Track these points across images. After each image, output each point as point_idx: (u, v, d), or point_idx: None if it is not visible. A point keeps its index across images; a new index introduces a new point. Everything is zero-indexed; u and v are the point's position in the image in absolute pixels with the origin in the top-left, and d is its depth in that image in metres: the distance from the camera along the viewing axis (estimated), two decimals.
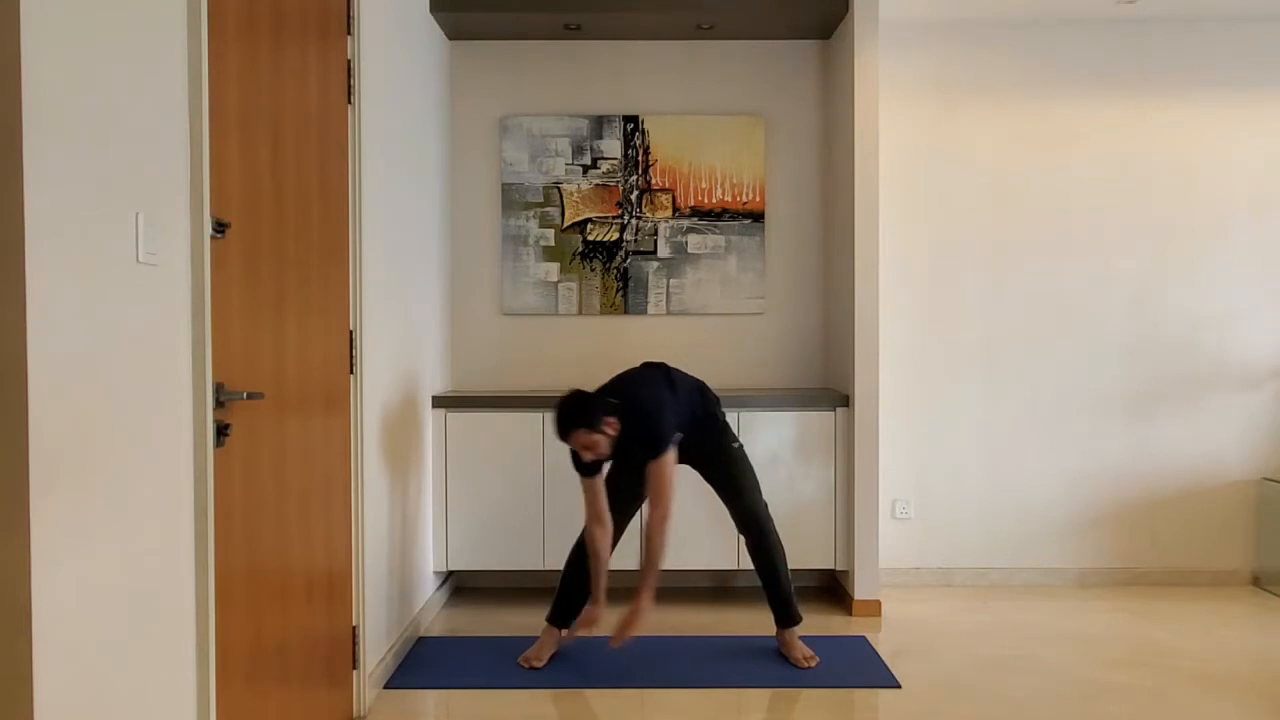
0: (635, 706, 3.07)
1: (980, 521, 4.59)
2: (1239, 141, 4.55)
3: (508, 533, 4.11)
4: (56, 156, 1.51)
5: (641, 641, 3.68)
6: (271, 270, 2.32)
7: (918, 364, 4.57)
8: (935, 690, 3.21)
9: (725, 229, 4.55)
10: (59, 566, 1.51)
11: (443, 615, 4.09)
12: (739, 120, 4.54)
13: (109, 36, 1.66)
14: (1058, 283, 4.57)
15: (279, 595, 2.37)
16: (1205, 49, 4.54)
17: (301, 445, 2.52)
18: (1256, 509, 4.59)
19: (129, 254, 1.71)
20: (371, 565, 3.09)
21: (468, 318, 4.57)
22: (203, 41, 1.93)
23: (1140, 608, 4.21)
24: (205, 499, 1.95)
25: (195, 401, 1.94)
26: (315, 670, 2.64)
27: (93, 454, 1.60)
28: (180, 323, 1.90)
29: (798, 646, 3.45)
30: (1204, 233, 4.57)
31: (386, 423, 3.35)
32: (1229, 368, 4.59)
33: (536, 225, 4.54)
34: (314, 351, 2.62)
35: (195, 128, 1.93)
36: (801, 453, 4.12)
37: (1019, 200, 4.56)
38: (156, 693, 1.82)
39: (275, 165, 2.34)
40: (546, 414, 4.09)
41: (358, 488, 2.96)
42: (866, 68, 4.01)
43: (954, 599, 4.34)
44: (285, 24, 2.41)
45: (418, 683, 3.27)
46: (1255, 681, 3.30)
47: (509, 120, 4.53)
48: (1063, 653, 3.59)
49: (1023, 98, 4.55)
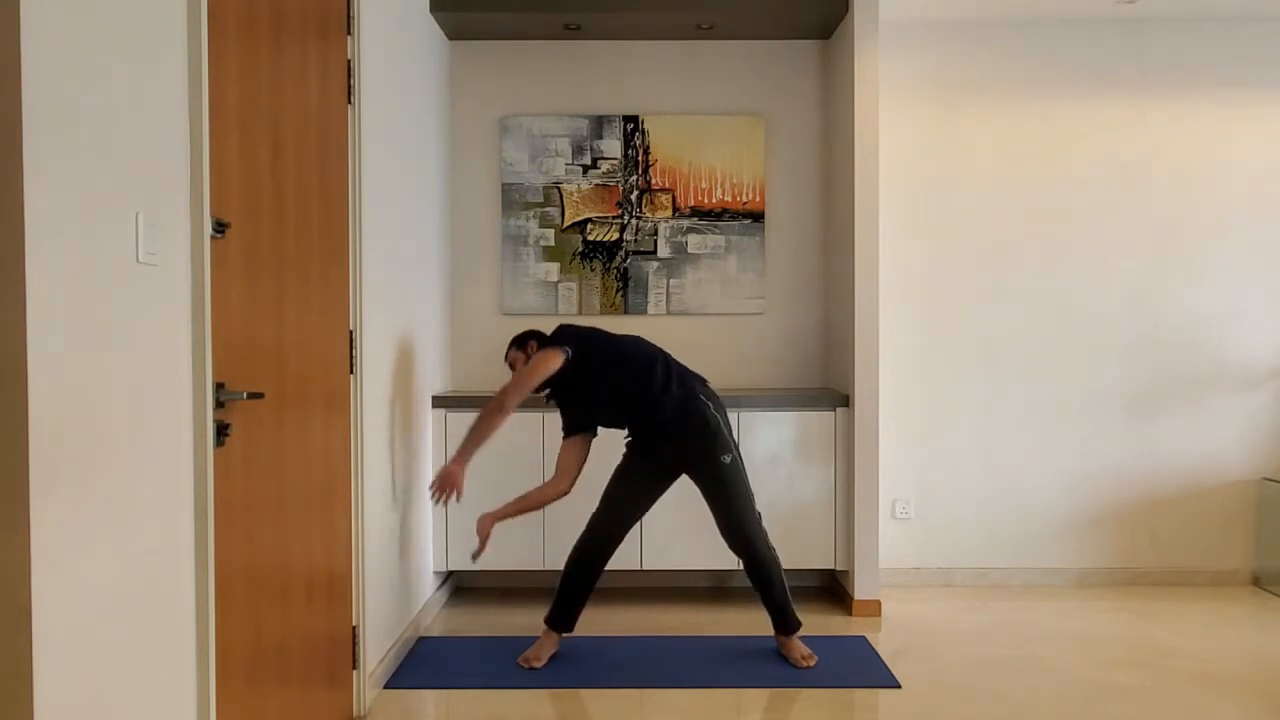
0: (635, 706, 3.07)
1: (980, 521, 4.59)
2: (1239, 141, 4.55)
3: (508, 533, 4.11)
4: (56, 156, 1.50)
5: (641, 641, 3.69)
6: (271, 270, 2.32)
7: (918, 364, 4.57)
8: (935, 690, 3.21)
9: (725, 229, 4.55)
10: (59, 566, 1.51)
11: (443, 615, 4.09)
12: (739, 120, 4.54)
13: (109, 36, 1.66)
14: (1058, 282, 4.57)
15: (279, 595, 2.37)
16: (1205, 49, 4.54)
17: (301, 445, 2.52)
18: (1256, 509, 4.59)
19: (129, 254, 1.71)
20: (371, 565, 3.09)
21: (468, 318, 4.57)
22: (203, 41, 1.93)
23: (1140, 608, 4.21)
24: (205, 499, 1.95)
25: (195, 401, 1.94)
26: (315, 670, 2.64)
27: (93, 454, 1.60)
28: (180, 323, 1.90)
29: (797, 647, 3.44)
30: (1204, 233, 4.57)
31: (386, 423, 3.35)
32: (1229, 368, 4.59)
33: (536, 225, 4.54)
34: (314, 351, 2.62)
35: (195, 128, 1.93)
36: (801, 453, 4.12)
37: (1019, 200, 4.56)
38: (156, 693, 1.82)
39: (275, 165, 2.34)
40: (546, 414, 4.09)
41: (358, 488, 2.96)
42: (866, 68, 4.01)
43: (954, 599, 4.34)
44: (285, 24, 2.41)
45: (418, 683, 3.27)
46: (1255, 681, 3.30)
47: (509, 120, 4.53)
48: (1063, 653, 3.59)
49: (1023, 98, 4.55)
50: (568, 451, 3.50)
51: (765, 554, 3.42)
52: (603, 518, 3.46)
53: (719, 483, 3.40)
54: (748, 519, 3.41)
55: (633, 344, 3.49)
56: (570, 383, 3.44)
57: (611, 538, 3.45)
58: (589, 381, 3.43)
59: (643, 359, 3.45)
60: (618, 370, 3.42)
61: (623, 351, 3.46)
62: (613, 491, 3.49)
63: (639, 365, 3.43)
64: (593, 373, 3.42)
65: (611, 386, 3.42)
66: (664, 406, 3.39)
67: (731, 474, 3.40)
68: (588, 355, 3.43)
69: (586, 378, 3.42)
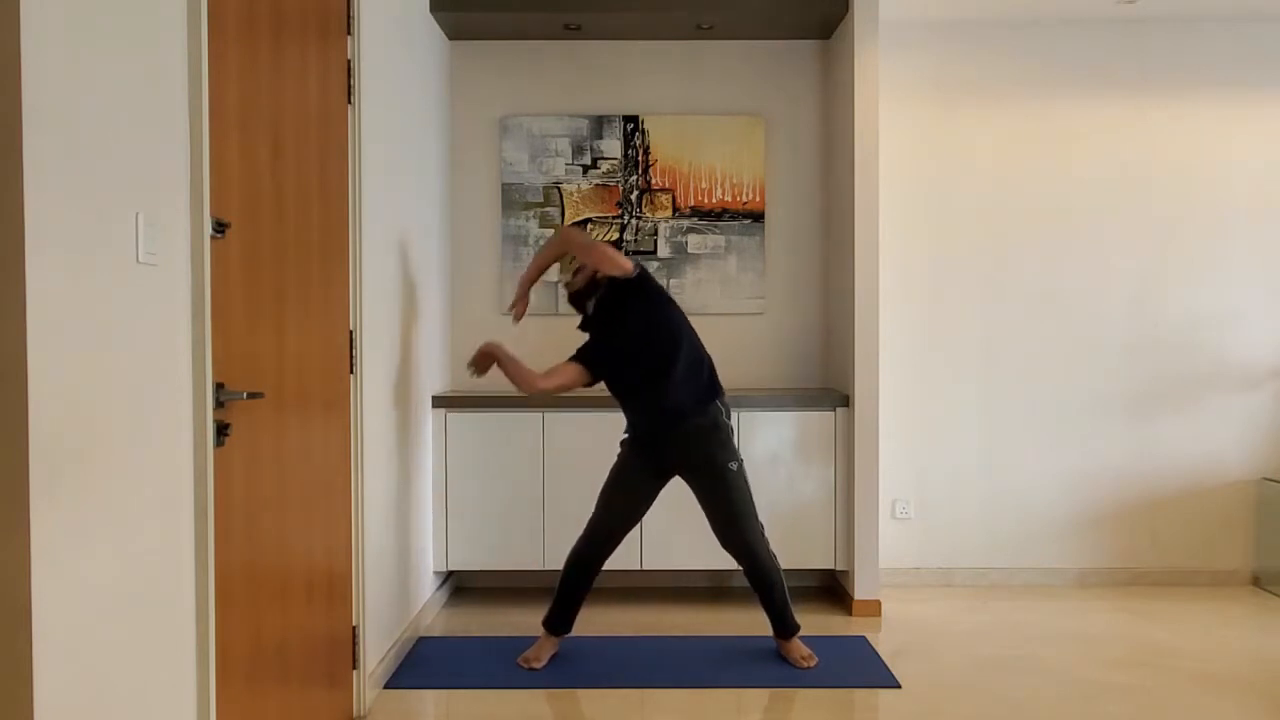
0: (635, 706, 3.07)
1: (980, 521, 4.59)
2: (1239, 141, 4.55)
3: (508, 533, 4.12)
4: (56, 156, 1.51)
5: (641, 641, 3.69)
6: (271, 270, 2.32)
7: (918, 364, 4.57)
8: (935, 690, 3.21)
9: (725, 229, 4.55)
10: (59, 566, 1.51)
11: (443, 615, 4.09)
12: (739, 120, 4.54)
13: (109, 36, 1.66)
14: (1058, 282, 4.57)
15: (279, 595, 2.37)
16: (1205, 49, 4.54)
17: (301, 445, 2.52)
18: (1256, 509, 4.59)
19: (129, 254, 1.71)
20: (371, 565, 3.09)
21: (468, 318, 4.57)
22: (203, 42, 1.93)
23: (1140, 608, 4.21)
24: (205, 499, 1.95)
25: (195, 401, 1.94)
26: (315, 670, 2.64)
27: (93, 454, 1.60)
28: (180, 323, 1.90)
29: (797, 648, 3.44)
30: (1204, 233, 4.57)
31: (386, 423, 3.35)
32: (1229, 368, 4.59)
33: (536, 225, 4.54)
34: (314, 351, 2.62)
35: (195, 128, 1.93)
36: (801, 453, 4.12)
37: (1019, 200, 4.56)
38: (156, 693, 1.82)
39: (275, 165, 2.34)
40: (547, 414, 4.09)
41: (358, 488, 2.96)
42: (866, 68, 4.01)
43: (954, 599, 4.34)
44: (285, 24, 2.41)
45: (418, 683, 3.27)
46: (1255, 681, 3.30)
47: (509, 120, 4.53)
48: (1063, 653, 3.59)
49: (1023, 98, 4.55)
50: (568, 371, 3.35)
51: (766, 560, 3.41)
52: (602, 521, 3.44)
53: (728, 488, 3.35)
54: (749, 525, 3.39)
55: (689, 325, 3.42)
56: (611, 312, 3.34)
57: (611, 540, 3.44)
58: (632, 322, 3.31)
59: (692, 338, 3.38)
60: (663, 328, 3.31)
61: (679, 317, 3.37)
62: (611, 494, 3.45)
63: (684, 337, 3.34)
64: (642, 314, 3.31)
65: (648, 339, 3.31)
66: (682, 393, 3.31)
67: (737, 480, 3.38)
68: (646, 291, 3.33)
69: (634, 316, 3.31)
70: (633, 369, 3.35)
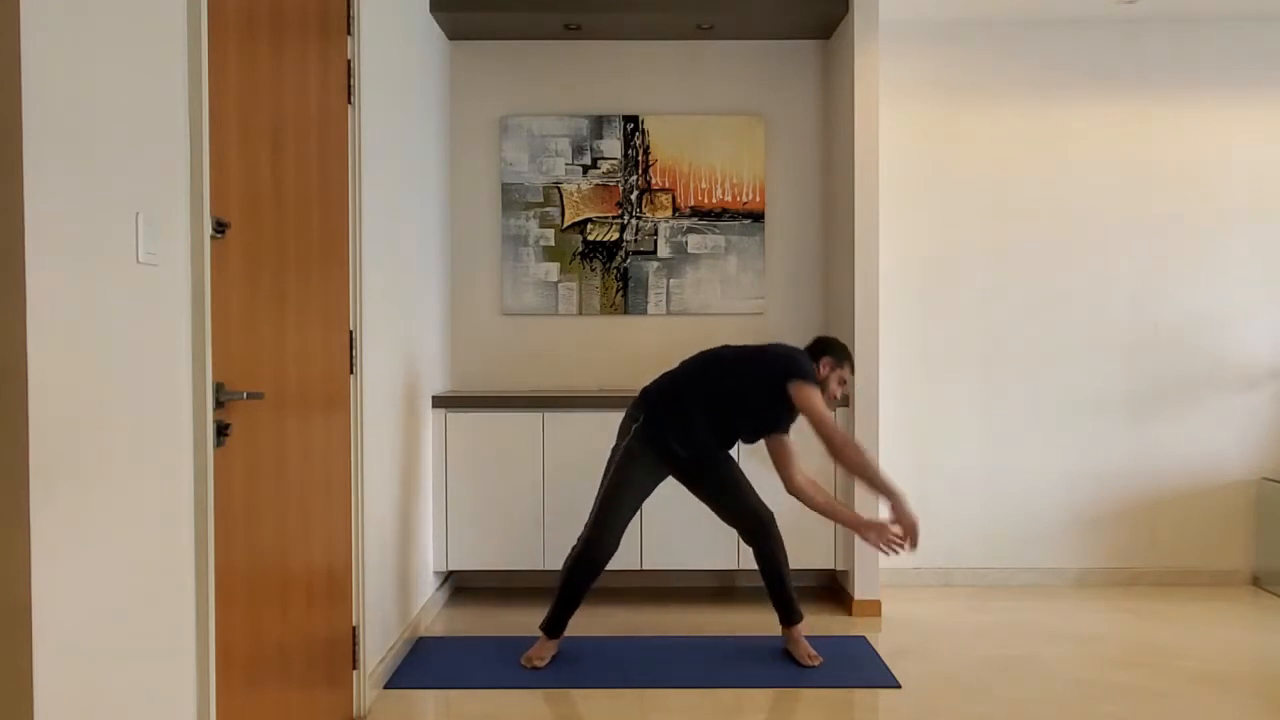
0: (635, 707, 3.07)
1: (980, 521, 4.59)
2: (1239, 141, 4.55)
3: (508, 533, 4.12)
4: (56, 156, 1.51)
5: (641, 641, 3.69)
6: (271, 270, 2.32)
7: (918, 364, 4.57)
8: (935, 690, 3.21)
9: (725, 229, 4.55)
10: (59, 566, 1.51)
11: (443, 615, 4.09)
12: (739, 120, 4.54)
13: (109, 37, 1.66)
14: (1058, 282, 4.57)
15: (279, 595, 2.37)
16: (1205, 49, 4.54)
17: (301, 445, 2.52)
18: (1256, 509, 4.59)
19: (129, 254, 1.71)
20: (371, 565, 3.09)
21: (468, 318, 4.57)
22: (203, 42, 1.93)
23: (1140, 608, 4.21)
24: (205, 499, 1.95)
25: (195, 401, 1.94)
26: (315, 670, 2.64)
27: (93, 454, 1.60)
28: (180, 323, 1.90)
29: (803, 644, 3.44)
30: (1204, 233, 4.57)
31: (386, 423, 3.35)
32: (1229, 368, 4.59)
33: (536, 225, 4.54)
34: (314, 351, 2.62)
35: (195, 128, 1.93)
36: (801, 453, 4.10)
37: (1019, 200, 4.57)
38: (156, 693, 1.82)
39: (275, 165, 2.34)
40: (546, 414, 4.09)
41: (358, 488, 2.96)
42: (866, 68, 4.01)
43: (954, 599, 4.34)
44: (285, 24, 2.41)
45: (418, 683, 3.27)
46: (1255, 681, 3.30)
47: (509, 120, 4.53)
48: (1063, 653, 3.59)
49: (1023, 98, 4.55)
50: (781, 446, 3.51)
51: (779, 534, 3.49)
52: (606, 521, 3.37)
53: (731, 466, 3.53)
54: (756, 500, 3.51)
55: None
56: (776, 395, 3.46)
57: (615, 537, 3.42)
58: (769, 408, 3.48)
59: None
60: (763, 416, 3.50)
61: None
62: (616, 491, 3.39)
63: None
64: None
65: (760, 419, 3.50)
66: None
67: (731, 459, 3.56)
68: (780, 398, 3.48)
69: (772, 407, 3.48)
70: (752, 423, 3.50)
